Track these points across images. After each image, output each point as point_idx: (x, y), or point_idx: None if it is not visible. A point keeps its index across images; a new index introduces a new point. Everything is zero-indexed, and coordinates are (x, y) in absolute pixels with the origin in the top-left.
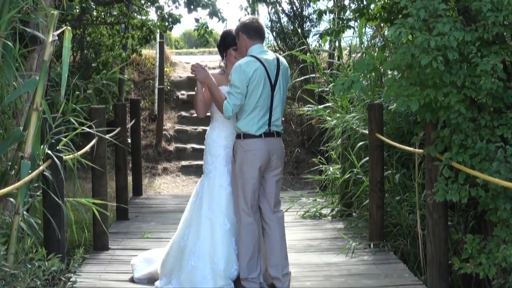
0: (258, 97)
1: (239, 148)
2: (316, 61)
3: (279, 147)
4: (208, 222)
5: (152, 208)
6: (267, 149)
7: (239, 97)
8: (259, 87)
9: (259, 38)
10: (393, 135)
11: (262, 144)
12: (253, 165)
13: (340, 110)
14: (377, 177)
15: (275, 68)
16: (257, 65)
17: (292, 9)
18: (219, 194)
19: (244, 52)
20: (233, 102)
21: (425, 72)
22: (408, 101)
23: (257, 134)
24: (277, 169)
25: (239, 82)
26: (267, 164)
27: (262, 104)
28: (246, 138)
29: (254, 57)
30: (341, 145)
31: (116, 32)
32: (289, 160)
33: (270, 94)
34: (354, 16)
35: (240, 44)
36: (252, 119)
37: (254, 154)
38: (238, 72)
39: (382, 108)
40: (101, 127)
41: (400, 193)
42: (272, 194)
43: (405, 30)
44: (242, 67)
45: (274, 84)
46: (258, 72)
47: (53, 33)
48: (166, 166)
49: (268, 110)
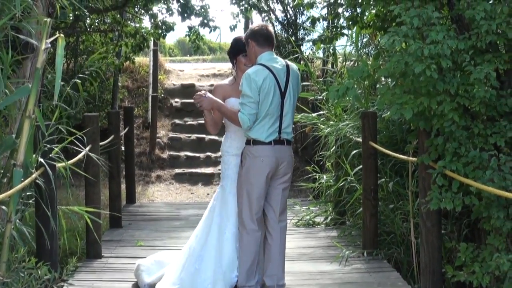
0: (268, 105)
1: (248, 154)
2: (310, 69)
3: (288, 155)
4: (217, 228)
5: (146, 216)
6: (276, 156)
7: (253, 106)
8: (269, 96)
9: (268, 45)
10: (387, 143)
11: (271, 151)
12: (261, 171)
13: (333, 118)
14: (370, 185)
15: (285, 76)
16: (266, 74)
17: (286, 17)
18: (229, 201)
19: (254, 59)
20: (248, 112)
21: (418, 80)
22: (402, 109)
23: (267, 141)
24: (285, 177)
25: (251, 91)
26: (275, 172)
27: (273, 112)
28: (255, 145)
29: (263, 66)
30: (334, 153)
31: (109, 40)
32: None
33: (280, 102)
34: (347, 24)
35: (249, 51)
36: (262, 126)
37: (262, 160)
38: (248, 82)
39: (375, 116)
40: (95, 134)
41: (394, 201)
42: (278, 202)
43: (398, 38)
44: (251, 76)
45: (284, 92)
46: (268, 81)
47: (46, 41)
48: (159, 174)
49: (278, 117)
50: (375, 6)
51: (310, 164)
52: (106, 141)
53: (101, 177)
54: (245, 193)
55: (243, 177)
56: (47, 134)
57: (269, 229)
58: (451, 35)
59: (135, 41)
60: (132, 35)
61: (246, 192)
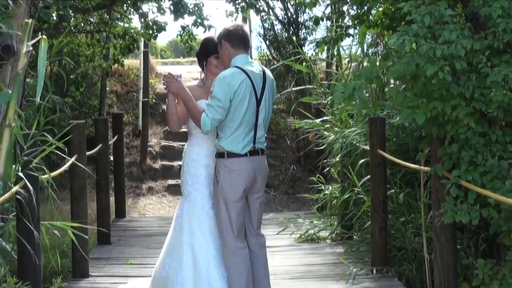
0: (243, 112)
1: (222, 168)
2: (313, 71)
3: (264, 166)
4: (190, 249)
5: (136, 231)
6: (253, 168)
7: (219, 111)
8: (244, 102)
9: (243, 48)
10: (397, 151)
11: (247, 163)
12: (238, 186)
13: (339, 124)
14: (379, 197)
15: (261, 81)
16: (242, 77)
17: (286, 16)
18: (201, 218)
19: (227, 61)
20: (213, 115)
21: (431, 83)
22: (413, 114)
23: (242, 152)
24: (261, 191)
25: (222, 95)
26: (252, 185)
27: (248, 121)
28: (230, 157)
29: (240, 69)
30: (340, 162)
31: (96, 41)
32: (284, 178)
33: (255, 110)
34: (353, 23)
35: (222, 53)
36: (237, 137)
37: (239, 174)
38: (222, 84)
39: (384, 122)
40: (81, 143)
41: (405, 214)
42: (255, 217)
43: (408, 38)
44: (227, 79)
45: (260, 99)
46: (244, 85)
47: (27, 43)
48: (151, 185)
49: (253, 126)
50: (382, 3)
51: (314, 174)
52: (93, 151)
53: (88, 189)
54: (223, 211)
55: (220, 194)
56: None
57: (249, 246)
58: (466, 34)
59: (124, 43)
60: (121, 36)
61: (225, 209)
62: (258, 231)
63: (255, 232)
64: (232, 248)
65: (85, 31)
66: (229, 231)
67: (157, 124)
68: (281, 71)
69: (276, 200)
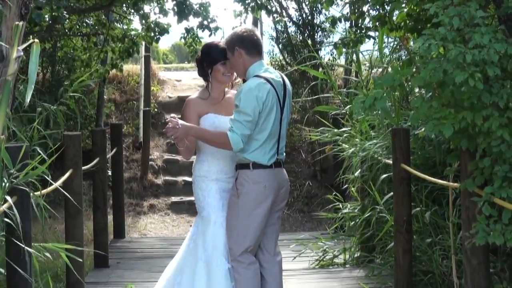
0: (271, 124)
1: (246, 180)
2: (330, 78)
3: (286, 179)
4: (204, 265)
5: (137, 254)
6: (278, 180)
7: (248, 126)
8: (272, 113)
9: (259, 54)
10: (422, 165)
11: (273, 175)
12: (264, 199)
13: (359, 136)
14: (403, 216)
15: (282, 89)
16: (268, 88)
17: (301, 17)
18: (215, 232)
19: (242, 70)
20: (242, 132)
21: (460, 92)
22: (440, 125)
23: (269, 164)
24: (282, 203)
25: (251, 109)
26: (276, 199)
27: (275, 132)
28: (256, 169)
29: (263, 78)
30: (360, 177)
31: (92, 44)
32: (299, 195)
33: (279, 119)
34: (374, 25)
35: (235, 60)
36: (263, 148)
37: (265, 186)
38: (249, 97)
39: (408, 134)
40: (76, 157)
41: (432, 235)
42: (274, 231)
43: (435, 42)
44: (254, 91)
45: (283, 107)
46: (271, 96)
47: (18, 48)
48: (153, 202)
49: (277, 137)
50: (406, 4)
51: (331, 190)
52: (90, 165)
53: (84, 207)
54: (241, 225)
55: (241, 208)
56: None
57: (264, 264)
58: (499, 38)
59: (123, 46)
60: (120, 39)
61: (246, 223)
62: (275, 247)
63: (273, 249)
64: (244, 262)
65: (81, 34)
66: (242, 246)
67: (159, 135)
68: (295, 78)
69: (290, 219)
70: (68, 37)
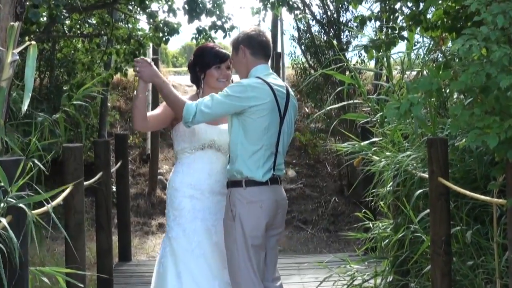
0: (263, 131)
1: (239, 199)
2: (358, 83)
3: (284, 197)
4: None
5: (145, 278)
6: (275, 199)
7: (216, 107)
8: (266, 119)
9: (265, 57)
10: (462, 179)
11: (269, 193)
12: (260, 220)
13: (390, 147)
14: (441, 236)
15: (285, 97)
16: (265, 89)
17: (326, 14)
18: (186, 259)
19: (243, 71)
20: (204, 107)
21: (506, 97)
22: (484, 135)
23: (264, 180)
24: (280, 227)
25: (233, 97)
26: (273, 220)
27: (269, 142)
28: (249, 186)
29: (261, 79)
30: (392, 193)
31: (95, 46)
32: (324, 212)
33: (277, 130)
34: (407, 24)
35: (238, 60)
36: (257, 160)
37: (261, 206)
38: (238, 88)
39: (446, 144)
40: (77, 171)
41: (473, 257)
42: (273, 256)
43: (477, 43)
44: (246, 87)
45: (282, 118)
46: (266, 98)
47: (13, 51)
48: (162, 221)
49: (274, 150)
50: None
51: (360, 207)
52: (93, 180)
53: (86, 227)
54: (242, 252)
55: (237, 230)
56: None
57: None
58: None
59: (128, 48)
60: (125, 40)
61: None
62: (276, 274)
63: (271, 276)
64: None
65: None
66: (250, 274)
67: (169, 147)
68: (319, 82)
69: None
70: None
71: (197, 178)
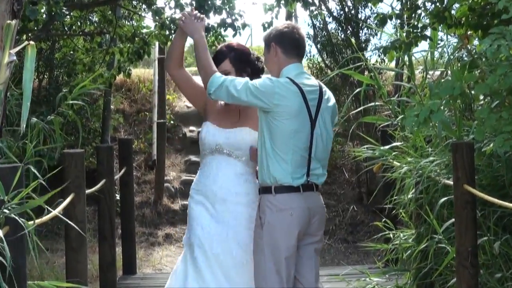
0: (291, 135)
1: (269, 207)
2: (378, 83)
3: (321, 205)
4: None
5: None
6: (308, 206)
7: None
8: (292, 121)
9: (298, 56)
10: (490, 186)
11: (301, 200)
12: (291, 229)
13: (412, 152)
14: (467, 247)
15: (316, 99)
16: (293, 90)
17: (343, 11)
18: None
19: (275, 70)
20: (234, 86)
21: None
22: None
23: (295, 185)
24: (317, 235)
25: (262, 88)
26: (306, 228)
27: (300, 147)
28: (279, 193)
29: (291, 81)
30: (414, 201)
31: (97, 45)
32: (342, 222)
33: (309, 134)
34: (431, 22)
35: (269, 58)
36: (287, 165)
37: (291, 214)
38: (266, 84)
39: (472, 149)
40: (79, 179)
41: (502, 269)
42: (310, 268)
43: (505, 43)
44: (274, 83)
45: (314, 120)
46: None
47: (10, 51)
48: (169, 232)
49: (306, 155)
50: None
51: (380, 216)
52: (95, 188)
53: (88, 238)
54: (269, 262)
55: (265, 240)
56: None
57: None
58: None
59: (132, 47)
60: (129, 39)
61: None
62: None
63: None
64: None
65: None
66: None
67: (176, 152)
68: (337, 83)
69: (332, 250)
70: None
71: (203, 184)
